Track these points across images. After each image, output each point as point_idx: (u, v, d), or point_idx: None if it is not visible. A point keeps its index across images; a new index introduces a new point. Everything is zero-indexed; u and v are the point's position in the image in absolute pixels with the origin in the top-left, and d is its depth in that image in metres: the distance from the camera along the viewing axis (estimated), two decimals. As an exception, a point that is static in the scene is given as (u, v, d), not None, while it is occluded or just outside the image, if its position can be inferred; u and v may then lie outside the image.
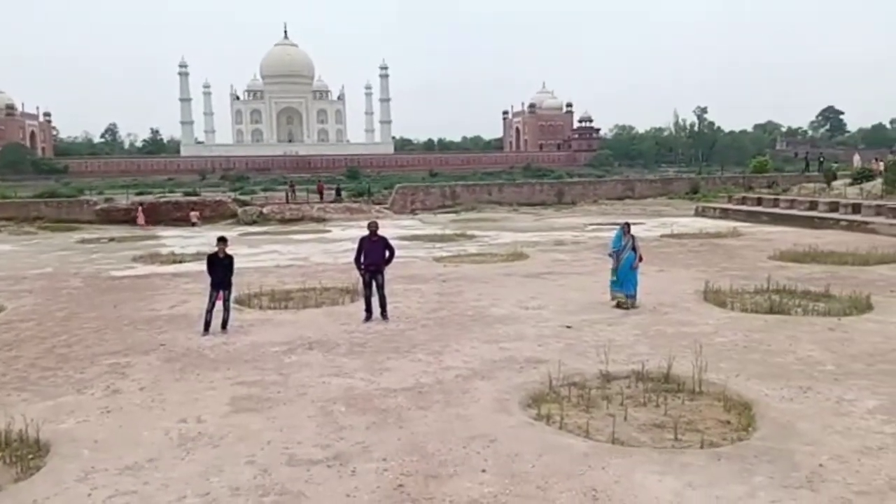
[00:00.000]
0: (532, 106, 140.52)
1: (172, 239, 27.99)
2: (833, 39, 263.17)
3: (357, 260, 11.80)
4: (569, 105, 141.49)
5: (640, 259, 12.47)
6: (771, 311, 11.63)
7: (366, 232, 11.89)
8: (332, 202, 42.91)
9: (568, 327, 10.86)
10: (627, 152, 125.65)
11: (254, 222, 35.57)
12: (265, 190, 62.05)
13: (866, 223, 24.37)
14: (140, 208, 36.08)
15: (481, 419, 7.00)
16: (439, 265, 18.52)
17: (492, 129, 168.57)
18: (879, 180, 34.52)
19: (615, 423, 6.76)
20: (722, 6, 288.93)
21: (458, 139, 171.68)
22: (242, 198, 45.09)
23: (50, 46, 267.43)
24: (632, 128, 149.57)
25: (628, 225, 12.86)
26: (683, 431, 6.60)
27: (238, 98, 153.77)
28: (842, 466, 5.67)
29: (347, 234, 26.41)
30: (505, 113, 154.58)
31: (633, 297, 12.24)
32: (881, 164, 43.45)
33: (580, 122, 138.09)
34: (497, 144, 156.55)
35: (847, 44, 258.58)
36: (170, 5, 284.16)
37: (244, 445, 6.43)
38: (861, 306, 11.70)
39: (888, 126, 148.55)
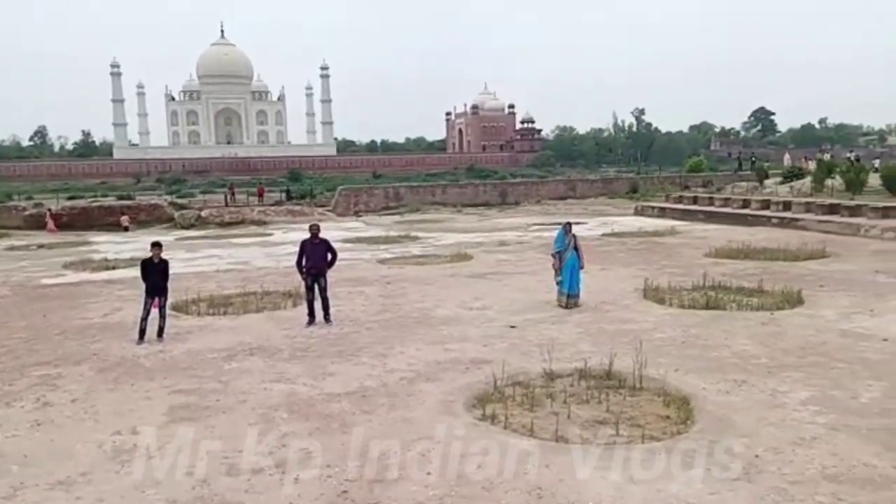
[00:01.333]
0: (475, 107, 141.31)
1: (105, 244, 27.07)
2: (764, 42, 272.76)
3: (299, 263, 11.62)
4: (511, 106, 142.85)
5: (582, 266, 12.60)
6: (707, 306, 11.94)
7: (308, 235, 11.72)
8: (273, 205, 42.22)
9: (512, 327, 10.93)
10: (569, 153, 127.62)
11: (191, 226, 34.70)
12: (203, 193, 60.73)
13: (796, 220, 25.30)
14: (49, 213, 34.79)
15: (426, 421, 6.97)
16: (383, 267, 18.43)
17: (435, 131, 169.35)
18: (809, 179, 35.93)
19: (559, 421, 6.82)
20: (656, 8, 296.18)
21: (401, 140, 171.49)
22: (179, 201, 43.99)
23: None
24: (573, 129, 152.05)
25: (570, 225, 13.02)
26: (625, 427, 6.71)
27: (173, 99, 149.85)
28: (777, 457, 5.85)
29: (289, 237, 26.02)
30: (448, 114, 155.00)
31: (577, 296, 12.39)
32: (810, 163, 45.30)
33: (522, 123, 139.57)
34: (440, 145, 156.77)
35: (778, 46, 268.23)
36: (100, 1, 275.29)
37: (182, 456, 6.24)
38: (792, 301, 12.11)
39: (817, 126, 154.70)
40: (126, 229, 33.42)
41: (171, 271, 11.11)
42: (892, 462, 5.68)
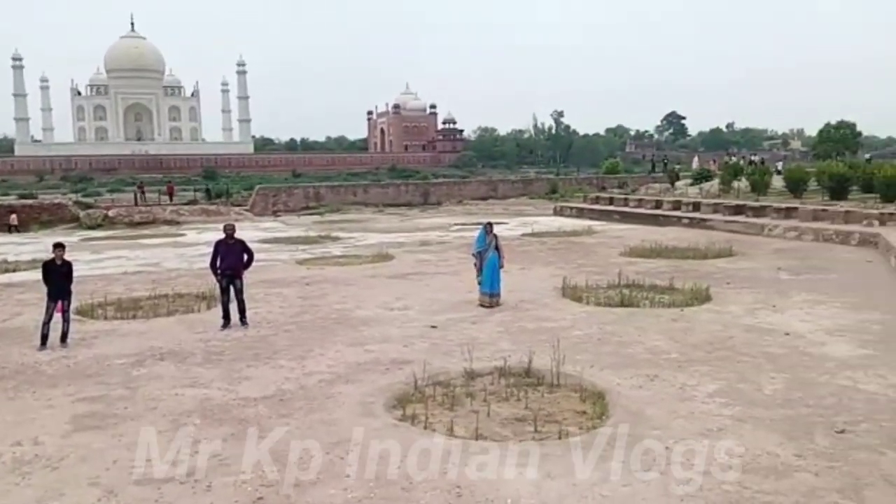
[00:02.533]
0: (396, 107, 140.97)
1: (4, 246, 25.56)
2: (676, 48, 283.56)
3: (213, 264, 11.27)
4: (433, 106, 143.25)
5: (502, 266, 12.74)
6: (622, 304, 12.28)
7: (222, 235, 11.39)
8: (186, 204, 40.89)
9: (433, 327, 10.93)
10: (490, 153, 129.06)
11: (98, 226, 33.25)
12: (112, 191, 58.39)
13: (705, 220, 26.40)
14: None
15: (345, 424, 6.87)
16: (302, 268, 18.12)
17: (356, 130, 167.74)
18: (716, 181, 37.58)
19: (478, 420, 6.86)
20: (574, 12, 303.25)
21: (322, 139, 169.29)
22: (85, 200, 42.09)
23: None
24: (494, 129, 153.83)
25: (490, 224, 13.14)
26: (543, 423, 6.80)
27: (80, 93, 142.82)
28: (686, 448, 6.03)
29: (204, 238, 25.28)
30: (369, 113, 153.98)
31: (498, 295, 12.51)
32: (718, 165, 47.40)
33: (444, 123, 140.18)
34: (362, 145, 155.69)
35: (689, 51, 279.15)
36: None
37: (87, 466, 5.94)
38: (701, 297, 12.60)
39: (724, 130, 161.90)
40: (15, 229, 31.63)
41: (75, 273, 10.57)
42: (794, 451, 5.97)
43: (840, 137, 78.51)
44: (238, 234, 11.66)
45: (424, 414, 7.04)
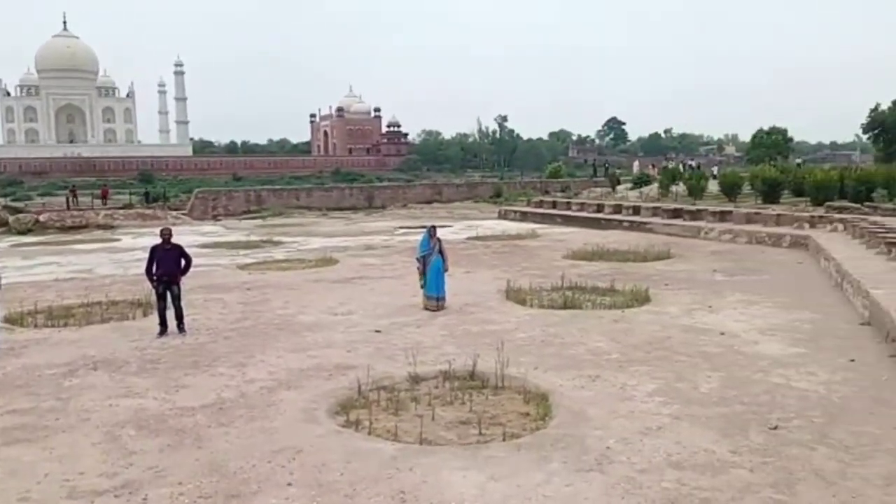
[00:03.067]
0: (340, 110, 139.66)
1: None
2: (615, 55, 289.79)
3: (149, 270, 10.95)
4: (377, 110, 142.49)
5: (446, 269, 12.75)
6: (565, 306, 12.44)
7: (159, 240, 11.08)
8: (122, 208, 39.68)
9: (377, 331, 10.86)
10: (435, 157, 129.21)
11: (28, 231, 31.94)
12: (42, 195, 56.21)
13: (645, 223, 26.99)
14: None
15: (287, 431, 6.76)
16: (244, 273, 17.79)
17: (299, 133, 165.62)
18: (656, 185, 38.51)
19: (423, 424, 6.83)
20: (516, 16, 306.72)
21: (263, 142, 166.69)
22: (14, 204, 40.47)
23: None
24: (439, 133, 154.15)
25: (434, 228, 13.14)
26: (487, 426, 6.82)
27: (9, 94, 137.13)
28: (627, 447, 6.15)
29: (140, 243, 24.55)
30: (312, 116, 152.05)
31: (442, 298, 12.52)
32: (657, 169, 48.61)
33: (389, 126, 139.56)
34: (305, 148, 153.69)
35: (627, 59, 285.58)
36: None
37: (16, 481, 5.68)
38: (641, 299, 12.87)
39: (662, 135, 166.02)
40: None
41: (3, 280, 10.13)
42: (729, 447, 6.13)
43: (772, 143, 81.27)
44: (175, 239, 11.37)
45: (368, 419, 6.98)
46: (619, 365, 8.79)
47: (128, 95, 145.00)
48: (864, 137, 74.37)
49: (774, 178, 30.42)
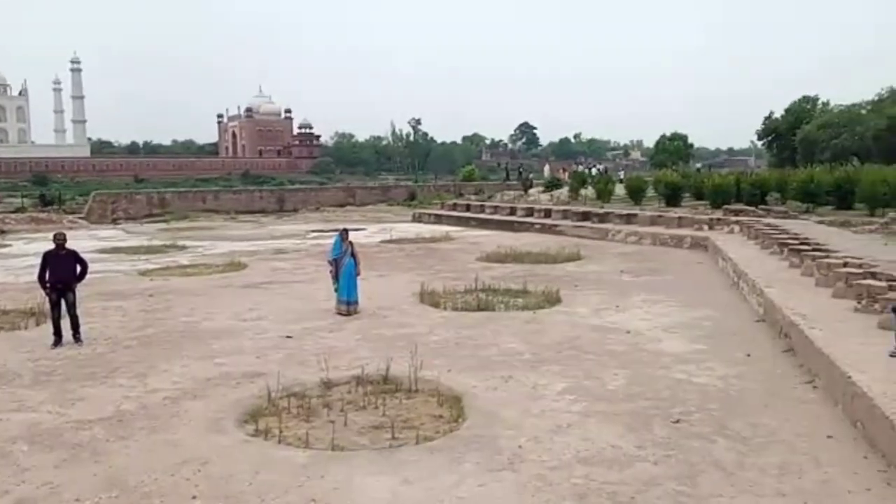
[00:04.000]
0: (249, 110, 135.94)
1: None
2: (528, 62, 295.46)
3: (41, 277, 10.32)
4: (288, 111, 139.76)
5: (359, 272, 12.63)
6: (478, 308, 12.54)
7: (52, 245, 10.46)
8: (14, 212, 37.38)
9: (288, 337, 10.62)
10: (349, 160, 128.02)
11: None
12: (-74, 199, 52.05)
13: (556, 226, 27.60)
14: None
15: (192, 442, 6.51)
16: (145, 279, 17.05)
17: (206, 134, 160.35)
18: (566, 188, 39.51)
19: (335, 430, 6.73)
20: (428, 18, 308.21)
21: (167, 142, 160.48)
22: None
23: None
24: (352, 136, 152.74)
25: (346, 231, 12.99)
26: (400, 430, 6.77)
27: None
28: (538, 446, 6.24)
29: (32, 248, 23.16)
30: (220, 116, 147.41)
31: (355, 302, 12.38)
32: (567, 173, 49.89)
33: (300, 128, 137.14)
34: (212, 149, 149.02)
35: (539, 65, 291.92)
36: None
37: None
38: (552, 300, 13.13)
39: (572, 140, 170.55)
40: None
41: None
42: (635, 442, 6.32)
43: (674, 148, 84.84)
44: (71, 244, 10.78)
45: (278, 427, 6.80)
46: (531, 365, 8.92)
47: (20, 93, 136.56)
48: (759, 143, 78.74)
49: (676, 182, 31.77)
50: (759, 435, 6.46)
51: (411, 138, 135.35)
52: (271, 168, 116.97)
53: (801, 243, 14.64)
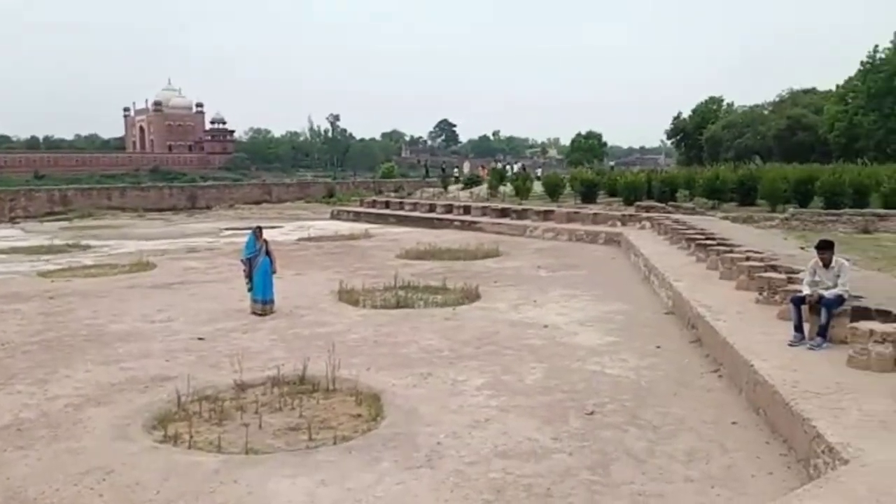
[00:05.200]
0: (158, 104, 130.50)
1: None
2: (447, 59, 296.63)
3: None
4: (199, 105, 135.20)
5: (275, 271, 12.35)
6: (398, 305, 12.49)
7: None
8: None
9: (200, 339, 10.27)
10: (264, 156, 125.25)
11: None
12: None
13: (475, 222, 27.83)
14: None
15: (96, 450, 6.20)
16: (46, 280, 16.14)
17: (112, 128, 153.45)
18: (485, 185, 39.91)
19: (249, 433, 6.55)
20: (348, 14, 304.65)
21: (70, 137, 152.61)
22: None
23: None
24: (268, 131, 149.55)
25: (260, 229, 12.67)
26: (317, 430, 6.66)
27: None
28: (456, 441, 6.25)
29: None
30: (126, 110, 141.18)
31: (271, 302, 12.10)
32: (486, 171, 50.41)
33: (212, 123, 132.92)
34: (118, 144, 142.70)
35: (461, 60, 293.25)
36: None
37: None
38: (471, 296, 13.21)
39: (491, 138, 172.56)
40: None
41: None
42: (551, 434, 6.42)
43: (589, 147, 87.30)
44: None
45: (189, 432, 6.56)
46: (450, 361, 8.94)
47: None
48: (669, 142, 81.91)
49: (591, 179, 32.68)
50: (668, 423, 6.68)
51: (329, 134, 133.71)
52: (182, 164, 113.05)
53: (707, 238, 15.28)
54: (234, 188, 50.17)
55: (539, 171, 52.95)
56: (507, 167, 53.81)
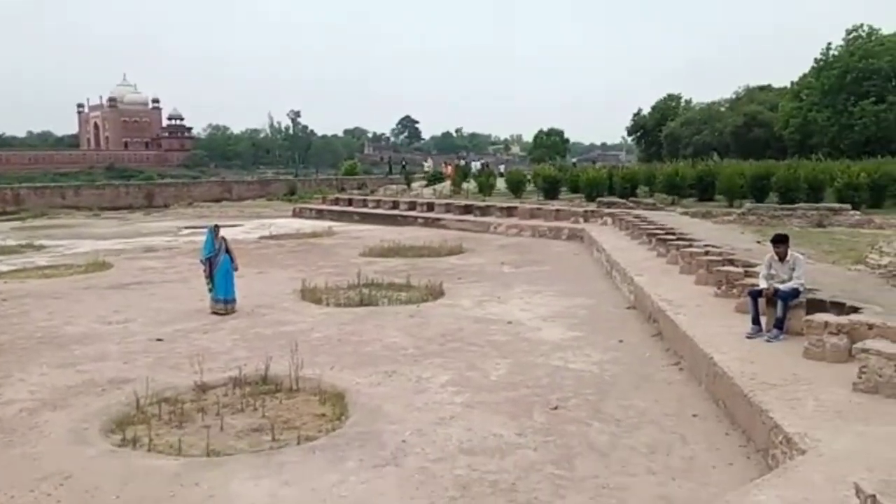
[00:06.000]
0: (112, 100, 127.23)
1: None
2: (409, 54, 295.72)
3: None
4: (155, 101, 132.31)
5: (236, 269, 12.18)
6: (361, 303, 12.42)
7: None
8: None
9: (159, 340, 10.08)
10: (224, 153, 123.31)
11: None
12: None
13: (438, 219, 27.83)
14: None
15: (53, 455, 6.04)
16: (-1, 282, 15.69)
17: (65, 125, 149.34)
18: (448, 182, 39.91)
19: (210, 435, 6.44)
20: (309, 11, 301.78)
21: (21, 134, 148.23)
22: None
23: None
24: (227, 128, 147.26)
25: (217, 227, 12.48)
26: (281, 431, 6.59)
27: None
28: (421, 439, 6.24)
29: None
30: (80, 106, 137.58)
31: (233, 301, 11.92)
32: (450, 168, 50.42)
33: (170, 119, 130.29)
34: (72, 141, 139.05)
35: (424, 57, 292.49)
36: None
37: None
38: (435, 293, 13.20)
39: (454, 135, 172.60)
40: None
41: None
42: (515, 430, 6.45)
43: (551, 143, 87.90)
44: None
45: (148, 435, 6.43)
46: (415, 359, 8.92)
47: None
48: (629, 139, 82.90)
49: (554, 176, 32.91)
50: (630, 416, 6.76)
51: (290, 131, 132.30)
52: (139, 161, 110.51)
53: (667, 234, 15.51)
54: (192, 186, 49.40)
55: (502, 168, 53.12)
56: (471, 164, 53.95)
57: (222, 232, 12.51)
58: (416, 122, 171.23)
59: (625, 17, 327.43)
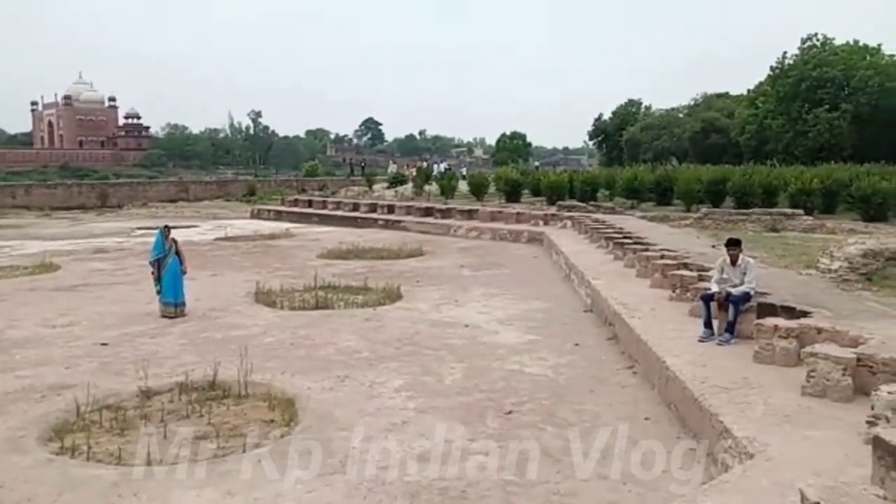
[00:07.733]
0: (67, 98, 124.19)
1: None
2: (373, 57, 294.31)
3: None
4: (112, 99, 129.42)
5: (185, 271, 11.88)
6: (317, 307, 12.21)
7: None
8: None
9: (104, 344, 9.76)
10: (182, 153, 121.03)
11: None
12: None
13: (399, 222, 27.68)
14: None
15: (-16, 466, 5.75)
16: (-62, 283, 15.07)
17: (18, 123, 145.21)
18: (410, 184, 39.78)
19: (152, 443, 6.22)
20: (270, 9, 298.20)
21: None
22: None
23: None
24: (185, 127, 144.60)
25: (168, 228, 12.17)
26: (227, 438, 6.39)
27: None
28: (371, 445, 6.11)
29: None
30: (34, 104, 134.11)
31: (182, 304, 11.62)
32: (413, 169, 50.29)
33: (126, 118, 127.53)
34: (25, 139, 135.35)
35: (386, 59, 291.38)
36: None
37: None
38: (393, 296, 13.05)
39: (417, 137, 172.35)
40: None
41: None
42: (468, 435, 6.35)
43: (514, 147, 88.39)
44: None
45: (87, 444, 6.17)
46: (369, 363, 8.78)
47: None
48: (591, 143, 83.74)
49: (516, 179, 33.02)
50: (584, 420, 6.73)
51: (251, 131, 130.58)
52: (94, 161, 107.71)
53: (625, 237, 15.61)
54: (148, 186, 48.39)
55: (464, 171, 53.18)
56: (434, 166, 53.89)
57: (175, 233, 12.20)
58: (380, 124, 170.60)
59: (590, 22, 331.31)
